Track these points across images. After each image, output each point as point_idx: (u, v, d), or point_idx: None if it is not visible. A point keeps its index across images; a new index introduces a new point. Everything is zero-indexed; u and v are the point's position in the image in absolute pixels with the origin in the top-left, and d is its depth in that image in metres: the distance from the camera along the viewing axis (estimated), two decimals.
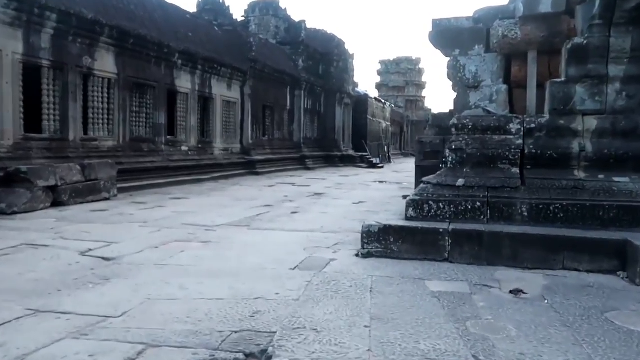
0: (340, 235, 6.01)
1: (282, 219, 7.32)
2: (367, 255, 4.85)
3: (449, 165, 5.34)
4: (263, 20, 21.93)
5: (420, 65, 53.35)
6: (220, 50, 15.93)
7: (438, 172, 5.43)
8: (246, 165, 16.93)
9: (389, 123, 34.58)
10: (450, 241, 4.67)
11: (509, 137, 5.18)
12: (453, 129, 5.31)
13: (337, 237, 5.85)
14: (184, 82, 14.28)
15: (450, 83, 7.29)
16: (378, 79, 52.27)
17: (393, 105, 39.32)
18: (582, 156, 4.99)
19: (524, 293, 3.70)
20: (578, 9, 5.10)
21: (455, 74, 5.89)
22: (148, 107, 12.89)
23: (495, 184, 5.01)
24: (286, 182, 14.47)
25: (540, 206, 4.79)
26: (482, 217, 4.92)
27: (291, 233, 6.18)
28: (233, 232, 6.20)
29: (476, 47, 5.87)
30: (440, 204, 5.02)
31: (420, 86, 53.71)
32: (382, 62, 52.91)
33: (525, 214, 4.83)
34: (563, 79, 5.09)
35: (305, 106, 22.37)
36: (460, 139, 5.28)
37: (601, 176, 4.90)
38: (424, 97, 54.33)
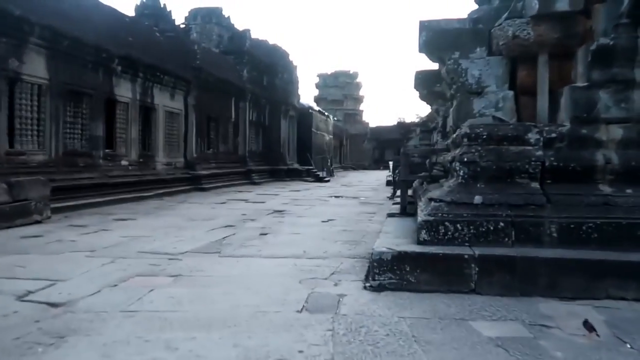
0: (331, 261, 5.22)
1: (254, 243, 6.43)
2: (379, 288, 4.09)
3: (459, 180, 4.71)
4: (205, 28, 20.86)
5: (358, 79, 53.82)
6: (162, 58, 14.76)
7: (446, 188, 4.79)
8: (191, 180, 15.76)
9: (331, 136, 34.22)
10: (477, 269, 4.01)
11: (527, 148, 4.63)
12: (465, 139, 4.69)
13: (329, 265, 5.05)
14: (124, 91, 13.03)
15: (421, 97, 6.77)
16: (316, 92, 52.11)
17: (336, 118, 39.08)
18: (607, 169, 4.50)
19: (596, 334, 3.07)
20: (599, 8, 4.66)
21: (456, 79, 5.31)
22: (84, 117, 11.56)
23: (517, 202, 4.42)
24: (237, 199, 13.48)
25: (572, 226, 4.24)
26: (507, 239, 4.30)
27: (273, 261, 5.32)
28: (204, 262, 5.25)
29: (477, 49, 5.34)
30: (458, 225, 4.36)
31: (359, 100, 54.09)
32: (320, 76, 52.82)
33: (555, 235, 4.25)
34: (585, 83, 4.61)
35: (250, 118, 21.44)
36: (473, 150, 4.67)
37: (629, 190, 4.43)
38: (362, 111, 54.79)
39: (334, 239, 6.74)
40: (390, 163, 40.93)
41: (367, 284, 4.26)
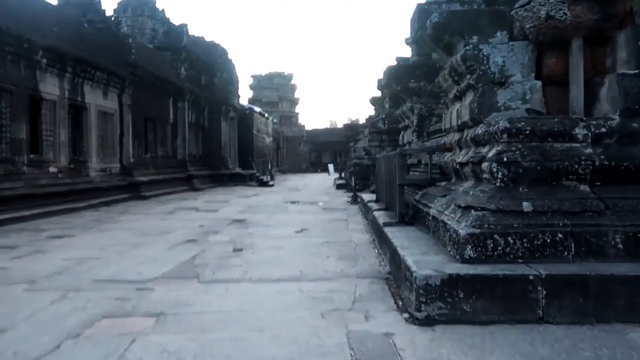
0: (340, 284, 4.35)
1: (234, 262, 5.42)
2: (429, 322, 3.27)
3: (497, 184, 3.99)
4: (137, 21, 19.25)
5: (293, 81, 53.08)
6: (93, 51, 13.22)
7: (480, 194, 4.05)
8: (129, 188, 14.28)
9: (271, 139, 33.20)
10: (544, 292, 3.29)
11: (574, 145, 3.98)
12: (503, 135, 3.98)
13: (342, 289, 4.18)
14: (51, 87, 11.46)
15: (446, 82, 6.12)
16: (251, 93, 50.81)
17: (275, 121, 38.09)
18: None
19: None
20: None
21: (477, 66, 4.61)
22: (3, 117, 9.95)
23: (572, 208, 3.75)
24: (185, 207, 12.24)
25: (639, 235, 3.62)
26: (566, 253, 3.62)
27: (270, 286, 4.37)
28: (184, 291, 4.21)
29: (498, 33, 4.67)
30: (509, 239, 3.63)
31: (294, 102, 53.32)
32: (254, 77, 51.59)
33: (620, 246, 3.62)
34: (635, 70, 4.03)
35: (190, 120, 20.05)
36: (513, 148, 3.96)
37: None
38: (298, 113, 54.07)
39: (324, 253, 5.86)
40: (330, 166, 40.69)
41: (407, 316, 3.44)
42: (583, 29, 4.36)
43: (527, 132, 3.96)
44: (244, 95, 45.78)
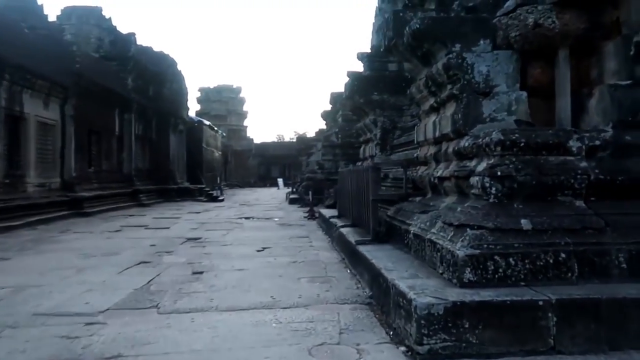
0: (320, 312, 3.93)
1: (196, 288, 4.89)
2: (433, 356, 2.91)
3: (491, 199, 3.71)
4: (82, 29, 18.21)
5: (242, 94, 52.39)
6: (34, 59, 12.28)
7: (472, 210, 3.76)
8: (70, 204, 13.30)
9: (220, 152, 32.40)
10: (555, 319, 3.00)
11: (568, 158, 3.77)
12: (498, 148, 3.71)
13: (323, 318, 3.76)
14: None
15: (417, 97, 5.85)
16: (198, 107, 49.64)
17: (224, 134, 37.31)
18: None
19: None
20: None
21: (460, 76, 4.36)
22: None
23: (572, 225, 3.51)
24: (133, 225, 11.45)
25: None
26: (570, 274, 3.36)
27: (241, 316, 3.89)
28: (142, 325, 3.66)
29: (481, 42, 4.44)
30: (511, 260, 3.34)
31: (243, 115, 52.60)
32: (202, 90, 50.54)
33: (624, 265, 3.40)
34: (628, 81, 3.88)
35: (137, 132, 19.13)
36: (507, 161, 3.70)
37: None
38: (246, 127, 53.33)
39: (293, 275, 5.42)
40: (280, 180, 40.19)
41: (405, 349, 3.07)
42: (570, 38, 4.19)
43: (522, 144, 3.71)
44: (192, 109, 44.72)
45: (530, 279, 3.33)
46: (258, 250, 7.31)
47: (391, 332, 3.42)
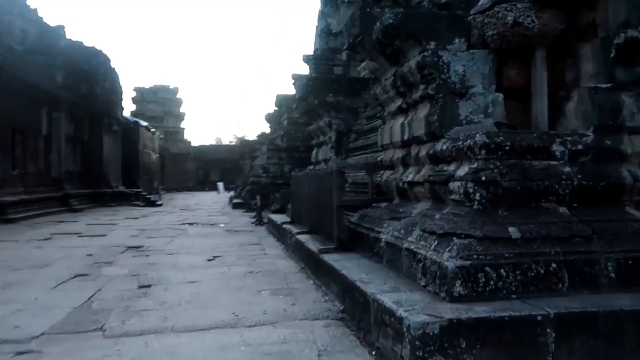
0: (292, 331, 3.56)
1: (145, 305, 4.38)
2: None
3: (475, 206, 3.49)
4: (4, 20, 16.81)
5: (179, 95, 50.82)
6: None
7: (453, 217, 3.53)
8: None
9: (157, 155, 31.14)
10: (554, 335, 2.80)
11: (552, 163, 3.62)
12: (482, 151, 3.49)
13: (297, 338, 3.39)
14: None
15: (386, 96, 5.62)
16: (133, 107, 47.64)
17: (161, 136, 35.93)
18: (636, 188, 3.71)
19: None
20: None
21: (436, 75, 4.13)
22: None
23: (560, 234, 3.35)
24: (65, 232, 10.55)
25: (630, 262, 3.30)
26: (561, 284, 3.18)
27: (202, 338, 3.45)
28: (88, 354, 3.15)
29: (456, 40, 4.24)
30: (502, 271, 3.12)
31: (180, 117, 51.00)
32: (137, 90, 48.52)
33: (613, 275, 3.27)
34: (608, 84, 3.78)
35: (67, 132, 17.89)
36: (492, 165, 3.49)
37: None
38: (184, 129, 51.76)
39: (252, 287, 5.01)
40: (220, 184, 39.24)
41: None
42: (548, 39, 4.07)
43: (507, 148, 3.52)
44: (126, 109, 42.88)
45: (521, 291, 3.12)
46: (209, 260, 6.82)
47: (374, 352, 3.12)
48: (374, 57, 5.25)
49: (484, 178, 3.47)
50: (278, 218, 10.02)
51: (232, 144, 63.12)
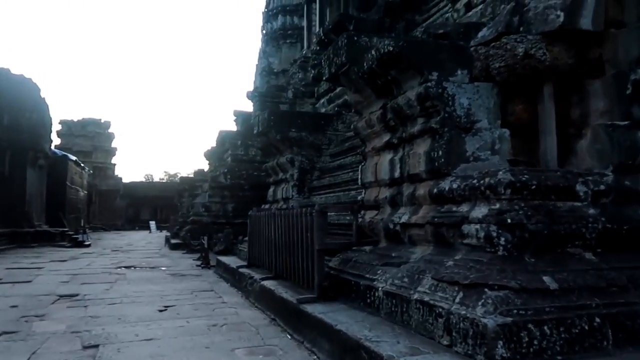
0: None
1: None
2: None
3: (500, 252, 3.10)
4: None
5: (110, 130, 48.69)
6: None
7: (476, 264, 3.11)
8: None
9: (86, 192, 29.23)
10: None
11: (576, 204, 3.32)
12: (507, 191, 3.13)
13: None
14: None
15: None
16: (59, 141, 44.98)
17: (91, 171, 33.94)
18: None
19: None
20: (617, 34, 3.75)
21: (441, 107, 3.78)
22: None
23: (596, 283, 3.01)
24: None
25: None
26: (605, 342, 2.82)
27: None
28: None
29: (459, 72, 3.94)
30: (545, 328, 2.70)
31: (111, 152, 48.71)
32: (64, 123, 45.96)
33: None
34: (626, 122, 3.58)
35: None
36: (516, 207, 3.13)
37: None
38: (115, 165, 49.36)
39: (223, 345, 4.31)
40: (152, 223, 37.40)
41: None
42: (557, 74, 3.85)
43: (534, 187, 3.17)
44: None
45: (566, 352, 2.72)
46: (160, 310, 6.00)
47: None
48: (359, 89, 4.88)
49: (509, 220, 3.09)
50: (229, 260, 9.28)
51: (164, 181, 61.04)
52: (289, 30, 26.17)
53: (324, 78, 5.27)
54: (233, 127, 24.05)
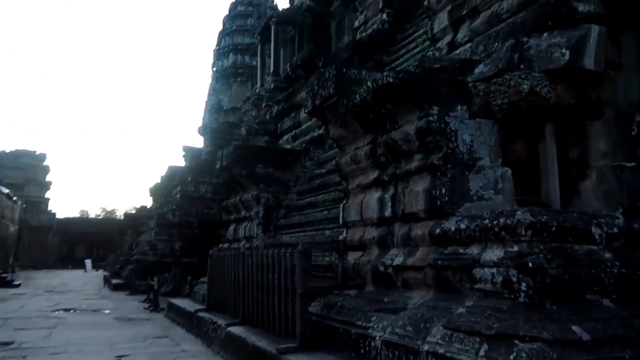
0: None
1: None
2: None
3: (521, 299, 2.86)
4: None
5: (46, 162, 46.33)
6: None
7: (497, 312, 2.85)
8: None
9: (17, 227, 27.26)
10: None
11: (592, 247, 3.16)
12: (528, 232, 2.91)
13: None
14: None
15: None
16: None
17: (24, 205, 31.83)
18: None
19: None
20: (617, 75, 3.73)
21: (444, 143, 3.57)
22: None
23: (624, 333, 2.81)
24: None
25: None
26: None
27: None
28: None
29: (459, 107, 3.78)
30: None
31: (45, 186, 46.16)
32: None
33: None
34: (632, 163, 3.50)
35: None
36: (536, 249, 2.93)
37: None
38: (49, 199, 46.72)
39: None
40: (87, 262, 35.31)
41: None
42: (559, 113, 3.77)
43: (554, 229, 2.98)
44: None
45: None
46: None
47: None
48: (346, 123, 4.64)
49: (530, 264, 2.87)
50: (182, 303, 8.62)
51: (100, 217, 58.26)
52: (240, 68, 26.12)
53: (305, 111, 5.02)
54: (178, 163, 23.28)
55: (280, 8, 21.72)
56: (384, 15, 8.92)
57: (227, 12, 27.18)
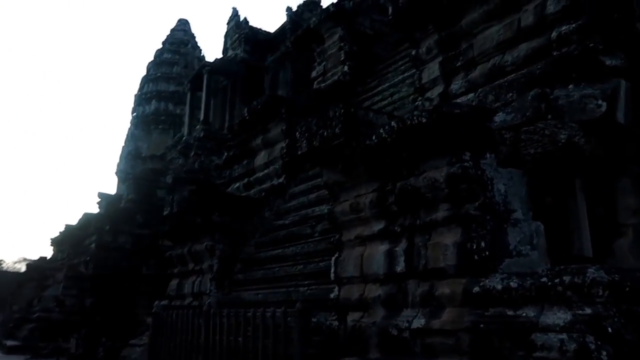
0: None
1: None
2: None
3: None
4: None
5: None
6: None
7: None
8: None
9: None
10: None
11: None
12: (604, 292, 2.60)
13: None
14: None
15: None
16: None
17: None
18: None
19: None
20: None
21: (481, 192, 3.24)
22: None
23: None
24: None
25: None
26: None
27: None
28: None
29: (487, 155, 3.50)
30: None
31: None
32: None
33: None
34: None
35: None
36: (611, 312, 2.61)
37: None
38: None
39: None
40: None
41: None
42: (589, 166, 3.61)
43: (627, 289, 2.70)
44: None
45: None
46: None
47: None
48: (348, 167, 4.23)
49: (610, 329, 2.54)
50: None
51: None
52: (163, 115, 25.19)
53: (298, 152, 4.54)
54: (88, 210, 21.32)
55: (207, 59, 21.42)
56: (345, 67, 8.81)
57: (152, 58, 26.28)
